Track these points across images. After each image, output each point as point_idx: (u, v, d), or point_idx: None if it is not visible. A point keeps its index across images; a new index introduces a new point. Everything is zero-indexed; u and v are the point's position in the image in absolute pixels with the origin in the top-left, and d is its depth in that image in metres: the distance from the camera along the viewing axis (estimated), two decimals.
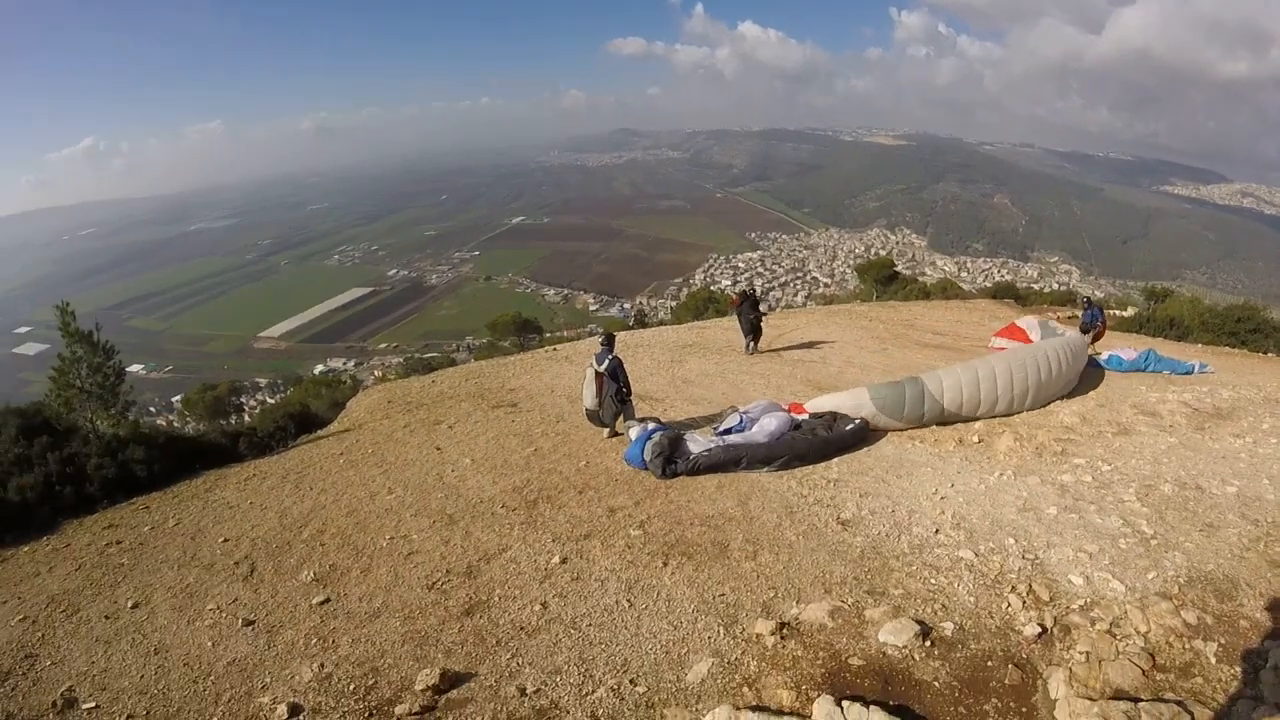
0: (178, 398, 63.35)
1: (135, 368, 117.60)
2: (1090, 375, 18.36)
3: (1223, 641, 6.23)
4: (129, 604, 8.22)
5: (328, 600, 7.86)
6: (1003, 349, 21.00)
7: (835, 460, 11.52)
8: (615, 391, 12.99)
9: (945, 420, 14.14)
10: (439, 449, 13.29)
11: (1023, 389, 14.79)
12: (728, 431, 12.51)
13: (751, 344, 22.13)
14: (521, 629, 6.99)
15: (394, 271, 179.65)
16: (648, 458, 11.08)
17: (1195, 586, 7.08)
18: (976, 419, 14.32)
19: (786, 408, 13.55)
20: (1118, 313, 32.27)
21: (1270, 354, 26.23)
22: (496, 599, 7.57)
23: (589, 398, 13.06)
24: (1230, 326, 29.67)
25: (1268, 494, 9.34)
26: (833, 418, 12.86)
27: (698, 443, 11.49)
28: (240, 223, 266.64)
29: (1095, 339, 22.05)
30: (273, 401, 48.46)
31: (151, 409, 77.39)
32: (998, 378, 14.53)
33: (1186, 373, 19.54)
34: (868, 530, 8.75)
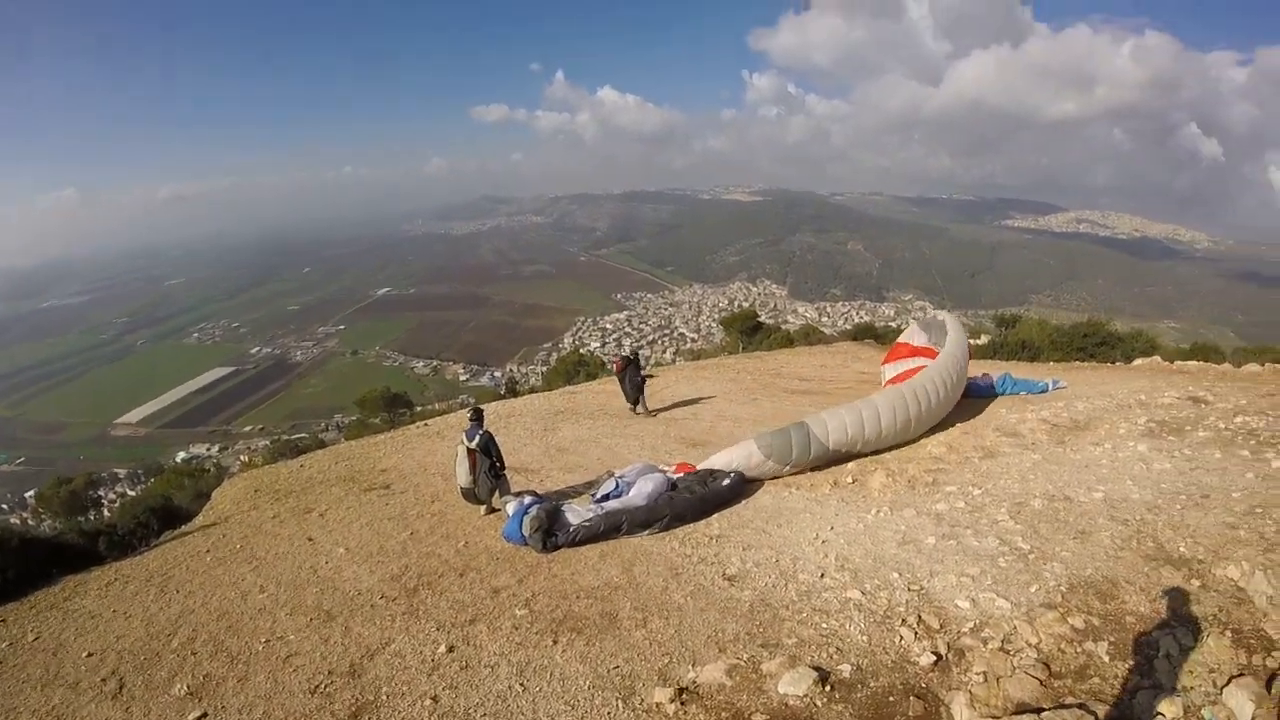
0: (31, 493, 60.27)
1: None
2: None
3: (1112, 640, 6.52)
4: None
5: (204, 715, 7.44)
6: (898, 376, 21.41)
7: (715, 516, 11.64)
8: (489, 467, 12.81)
9: (835, 460, 14.43)
10: (311, 539, 12.82)
11: (904, 420, 15.36)
12: (605, 498, 12.51)
13: (642, 405, 22.17)
14: None
15: (257, 349, 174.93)
16: (526, 533, 10.95)
17: (1077, 592, 7.44)
18: (865, 454, 14.77)
19: (671, 468, 13.59)
20: (972, 341, 33.51)
21: (1119, 363, 27.56)
22: (384, 697, 7.29)
23: (462, 476, 12.82)
24: (1078, 342, 31.16)
25: (1133, 494, 9.89)
26: (709, 474, 12.96)
27: (576, 513, 11.45)
28: (95, 298, 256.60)
29: None
30: (133, 494, 46.31)
31: (3, 505, 73.80)
32: (880, 415, 14.99)
33: (1042, 391, 20.37)
34: (754, 583, 8.83)
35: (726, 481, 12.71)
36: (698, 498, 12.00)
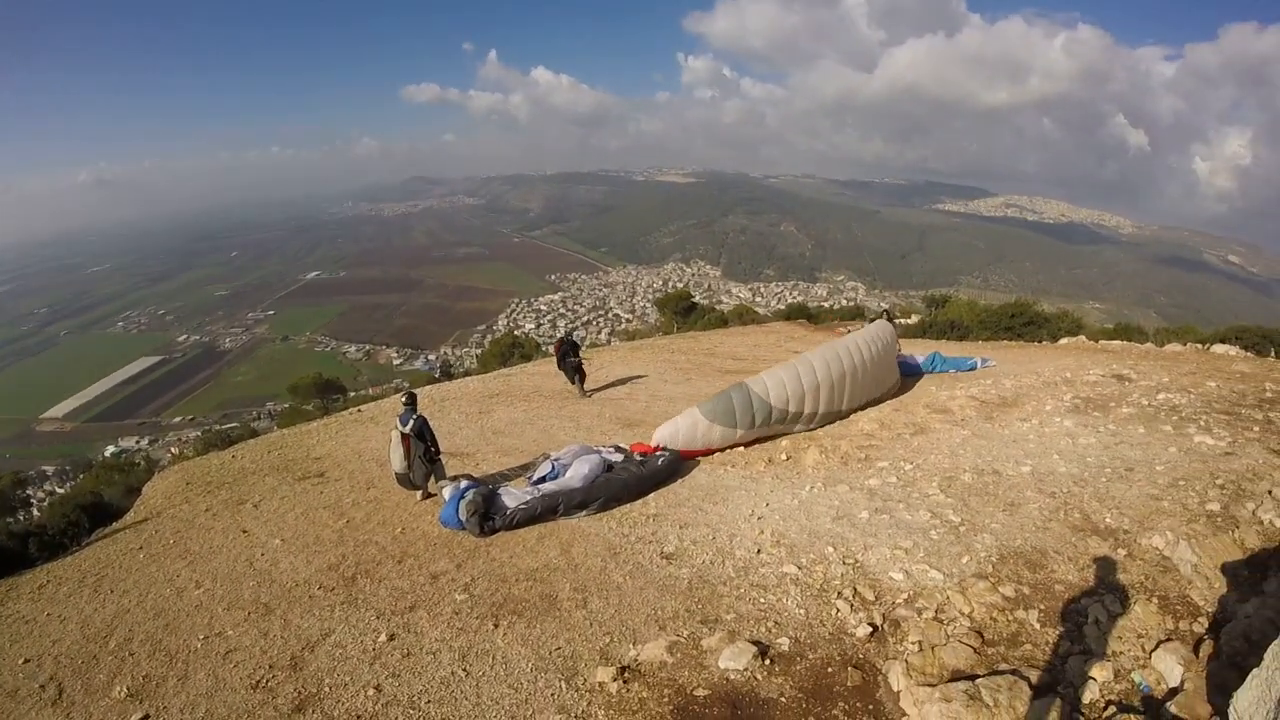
0: None
1: None
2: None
3: (1043, 608, 6.76)
4: None
5: (146, 717, 7.36)
6: None
7: (652, 496, 11.76)
8: (424, 451, 12.81)
9: (784, 423, 15.22)
10: (246, 531, 12.66)
11: (840, 373, 16.25)
12: (541, 480, 12.57)
13: (580, 387, 22.42)
14: (358, 718, 6.73)
15: (184, 337, 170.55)
16: (463, 517, 10.96)
17: (1008, 562, 7.69)
18: (810, 415, 15.60)
19: (607, 449, 13.58)
20: (902, 321, 34.13)
21: (1045, 342, 28.20)
22: (327, 689, 7.27)
23: (397, 461, 12.78)
24: (1006, 322, 31.95)
25: (1059, 468, 10.19)
26: (644, 455, 13.09)
27: (513, 495, 11.52)
28: (13, 289, 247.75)
29: None
30: (62, 491, 45.08)
31: None
32: (816, 369, 15.95)
33: (970, 369, 20.85)
34: (692, 560, 8.95)
35: (662, 460, 12.89)
36: (634, 477, 12.12)
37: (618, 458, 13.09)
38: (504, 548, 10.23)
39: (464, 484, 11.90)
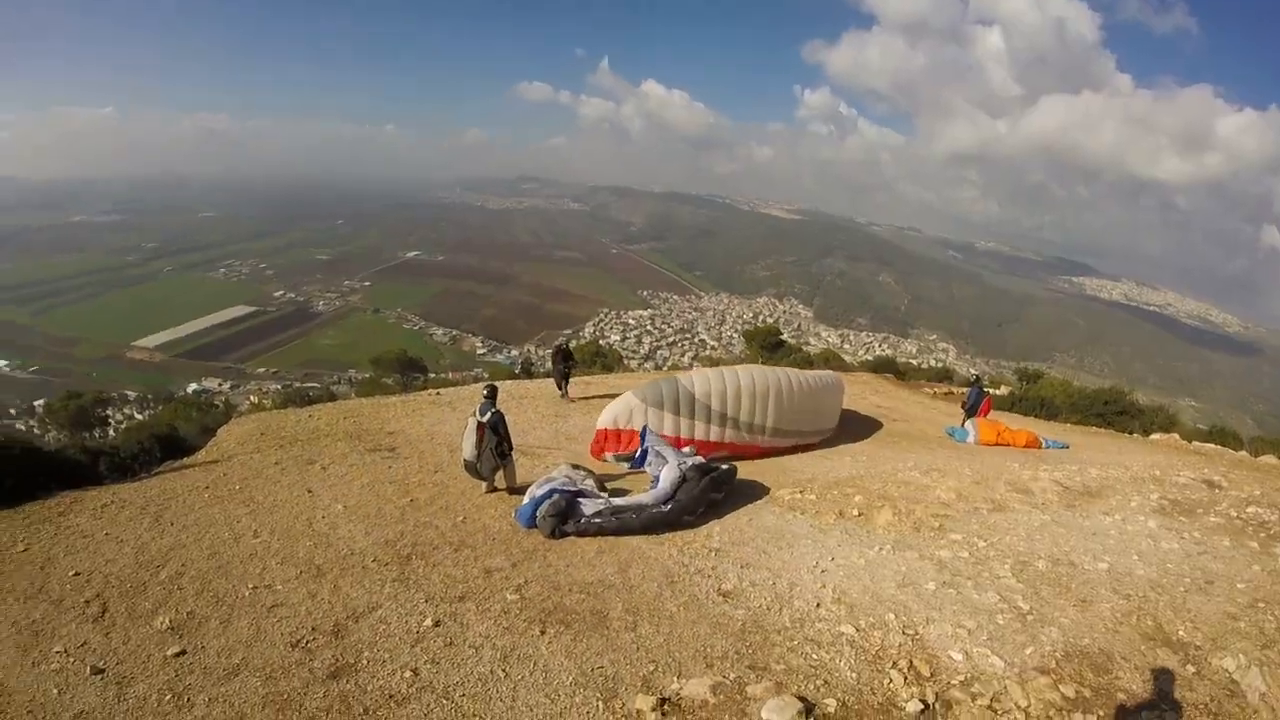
0: (40, 402, 60.50)
1: None
2: (961, 452, 19.34)
3: (1101, 714, 6.49)
4: None
5: (183, 652, 7.39)
6: None
7: (716, 529, 11.52)
8: (495, 444, 12.77)
9: (712, 422, 17.68)
10: (310, 491, 12.81)
11: (764, 388, 18.37)
12: (638, 460, 14.13)
13: (564, 391, 23.30)
14: (390, 697, 6.68)
15: (281, 293, 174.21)
16: (540, 514, 10.93)
17: (1072, 661, 7.30)
18: (735, 420, 17.92)
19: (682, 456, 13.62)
20: (992, 391, 33.49)
21: (1136, 435, 27.35)
22: (365, 662, 7.22)
23: (468, 449, 12.78)
24: (1098, 408, 31.04)
25: (1138, 569, 9.73)
26: (708, 463, 13.24)
27: (591, 504, 11.44)
28: (124, 220, 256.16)
29: (980, 414, 23.08)
30: (140, 418, 46.38)
31: (11, 411, 74.23)
32: (740, 376, 18.47)
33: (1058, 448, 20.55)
34: (749, 602, 8.72)
35: (725, 466, 13.22)
36: (700, 490, 12.12)
37: (689, 462, 12.99)
38: (562, 555, 10.12)
39: (557, 484, 11.86)
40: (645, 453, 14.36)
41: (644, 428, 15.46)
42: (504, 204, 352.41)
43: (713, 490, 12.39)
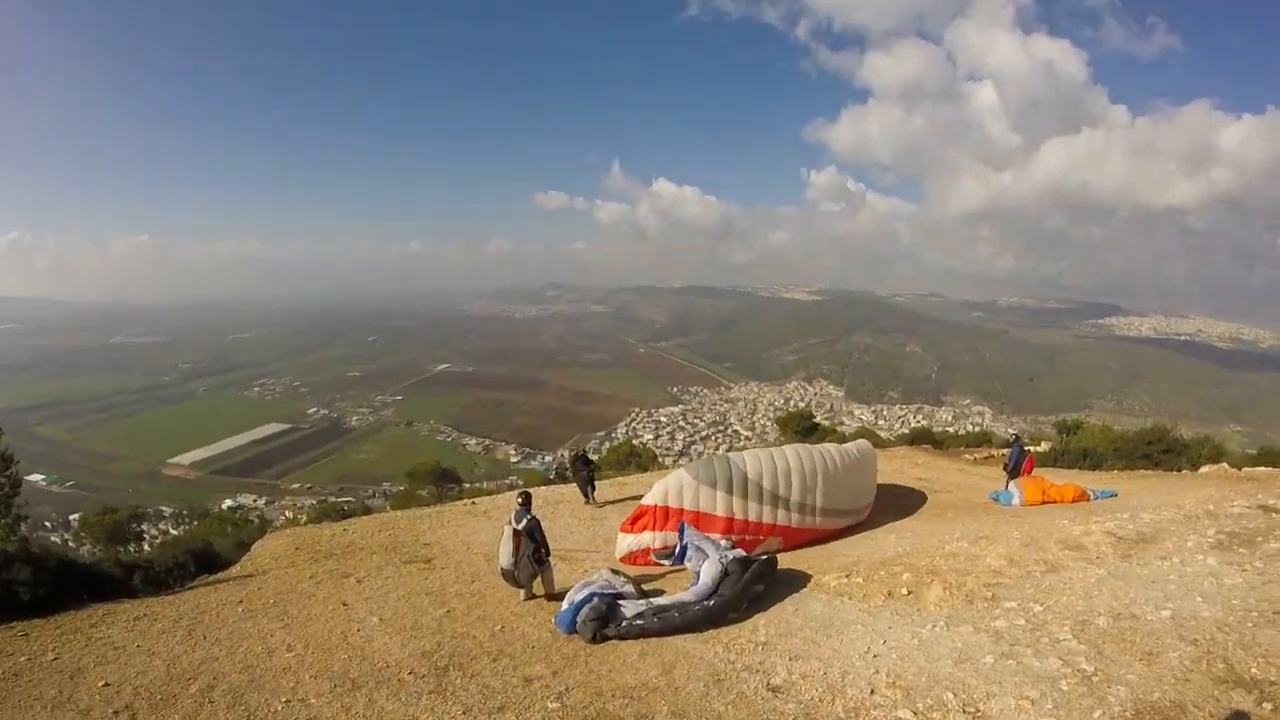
0: (75, 516, 61.08)
1: (36, 477, 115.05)
2: (1008, 515, 19.75)
3: None
4: None
5: None
6: None
7: (762, 622, 11.20)
8: (533, 551, 12.67)
9: (764, 502, 17.38)
10: (346, 605, 12.70)
11: (811, 468, 18.22)
12: (675, 553, 14.00)
13: (591, 496, 23.10)
14: None
15: (314, 410, 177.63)
16: (580, 620, 10.77)
17: (1143, 718, 7.01)
18: (786, 500, 17.68)
19: (722, 549, 13.44)
20: (1033, 448, 33.06)
21: (1185, 470, 26.87)
22: None
23: (505, 557, 12.63)
24: (1143, 450, 30.88)
25: (1202, 611, 9.37)
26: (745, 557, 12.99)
27: (631, 606, 11.33)
28: (162, 342, 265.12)
29: (1025, 473, 22.96)
30: (175, 533, 46.83)
31: (47, 524, 75.03)
32: (789, 456, 18.33)
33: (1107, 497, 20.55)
34: (800, 695, 8.44)
35: (764, 556, 13.09)
36: (744, 584, 11.95)
37: (730, 555, 12.77)
38: (603, 660, 9.88)
39: (595, 588, 11.72)
40: (685, 549, 14.12)
41: (682, 524, 15.13)
42: (530, 312, 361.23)
43: (756, 583, 12.16)
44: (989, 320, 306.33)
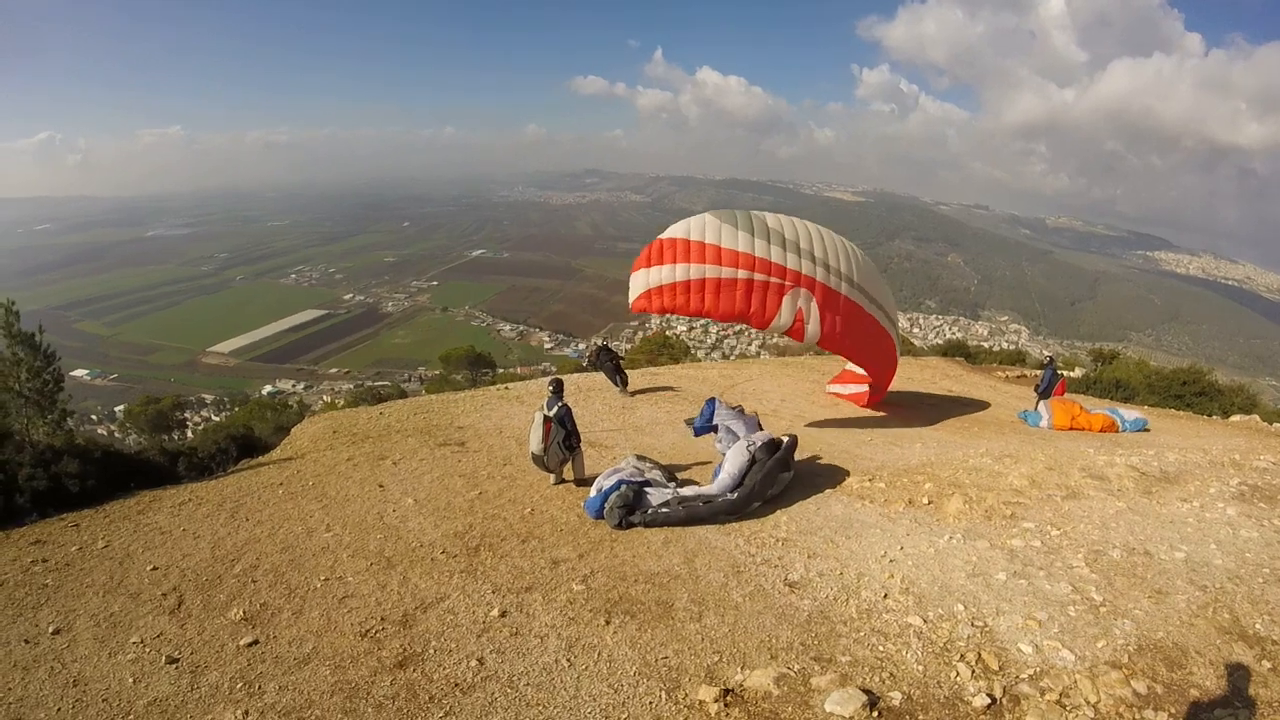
0: (120, 407, 62.42)
1: (79, 372, 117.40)
2: (1035, 436, 19.61)
3: (1173, 711, 6.24)
4: (50, 629, 7.86)
5: (256, 642, 7.54)
6: (840, 394, 23.51)
7: (784, 518, 11.36)
8: (563, 438, 12.85)
9: (786, 249, 17.15)
10: (382, 486, 13.02)
11: (834, 240, 18.27)
12: (706, 425, 14.02)
13: (622, 387, 22.89)
14: (456, 685, 6.74)
15: (350, 295, 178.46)
16: (608, 506, 10.97)
17: (1145, 655, 7.07)
18: (808, 253, 17.42)
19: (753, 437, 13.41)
20: (1066, 373, 32.59)
21: (1215, 417, 26.59)
22: (432, 651, 7.30)
23: (535, 443, 12.80)
24: (1176, 389, 30.29)
25: (1215, 559, 9.35)
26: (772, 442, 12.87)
27: (658, 494, 11.46)
28: (197, 232, 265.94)
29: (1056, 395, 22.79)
30: (217, 420, 47.54)
31: (93, 417, 76.44)
32: (810, 227, 18.18)
33: (1140, 429, 20.26)
34: (815, 593, 8.61)
35: (786, 440, 12.89)
36: (766, 473, 11.96)
37: (759, 441, 12.72)
38: (628, 546, 10.12)
39: (624, 475, 11.87)
40: (714, 426, 14.15)
41: (712, 401, 14.65)
42: (567, 199, 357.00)
43: (781, 470, 12.24)
44: (1035, 239, 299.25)
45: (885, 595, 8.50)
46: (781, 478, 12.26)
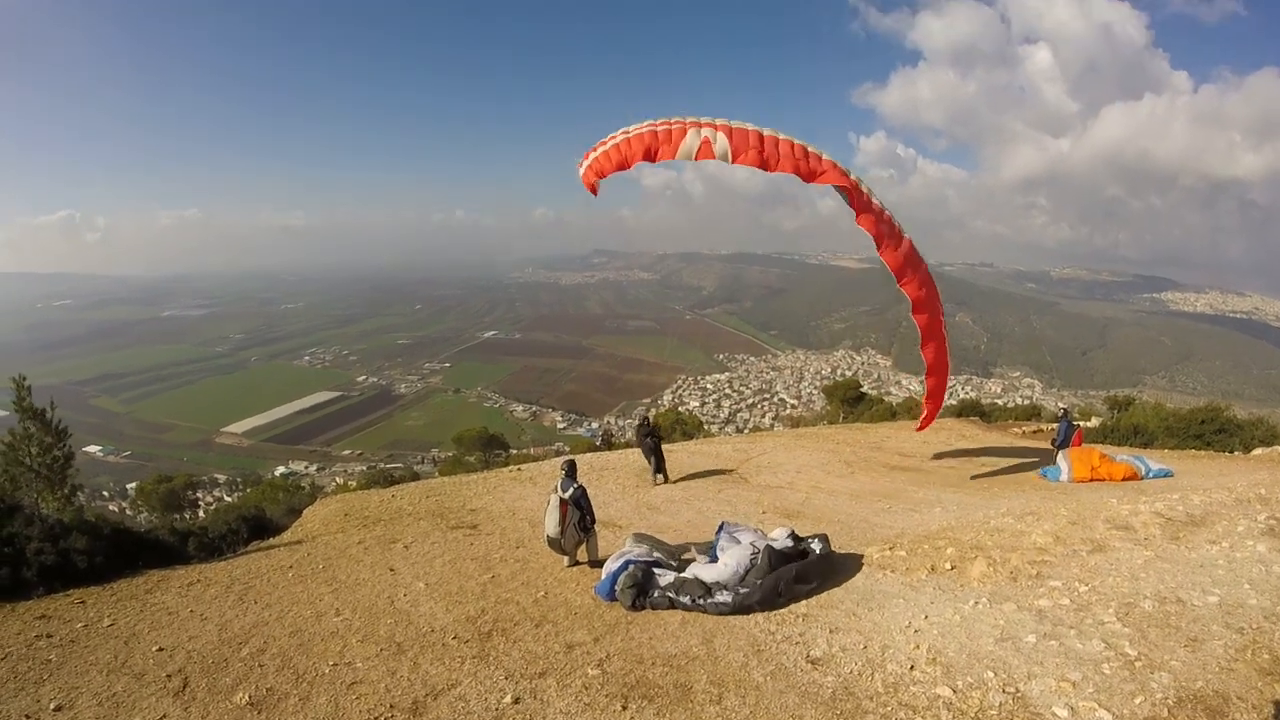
0: (132, 484, 62.64)
1: (93, 448, 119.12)
2: (1056, 491, 19.53)
3: None
4: (52, 705, 7.76)
5: None
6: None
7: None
8: (579, 520, 12.75)
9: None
10: (393, 570, 12.88)
11: None
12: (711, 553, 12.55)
13: (657, 474, 21.43)
14: None
15: (364, 377, 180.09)
16: (619, 587, 10.79)
17: (1185, 707, 6.85)
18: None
19: (775, 534, 13.07)
20: (1082, 423, 32.39)
21: (1237, 453, 26.36)
22: None
23: (551, 525, 12.71)
24: (1195, 429, 30.13)
25: (1249, 599, 9.15)
26: (798, 544, 12.35)
27: (664, 574, 11.27)
28: (213, 313, 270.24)
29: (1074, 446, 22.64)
30: (229, 500, 47.78)
31: (104, 493, 77.00)
32: None
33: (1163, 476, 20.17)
34: (839, 669, 8.39)
35: (816, 547, 12.35)
36: (774, 578, 11.27)
37: (786, 543, 12.24)
38: (644, 628, 9.92)
39: (631, 556, 11.71)
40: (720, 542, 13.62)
41: (722, 523, 13.90)
42: (576, 279, 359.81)
43: (797, 582, 11.38)
44: (1041, 292, 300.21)
45: (912, 667, 8.28)
46: (797, 590, 11.55)
